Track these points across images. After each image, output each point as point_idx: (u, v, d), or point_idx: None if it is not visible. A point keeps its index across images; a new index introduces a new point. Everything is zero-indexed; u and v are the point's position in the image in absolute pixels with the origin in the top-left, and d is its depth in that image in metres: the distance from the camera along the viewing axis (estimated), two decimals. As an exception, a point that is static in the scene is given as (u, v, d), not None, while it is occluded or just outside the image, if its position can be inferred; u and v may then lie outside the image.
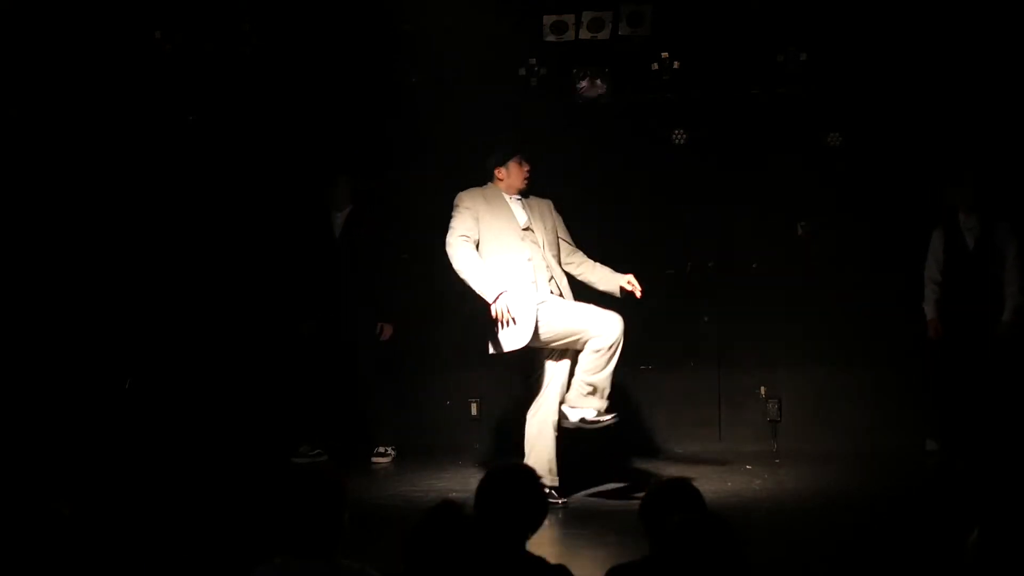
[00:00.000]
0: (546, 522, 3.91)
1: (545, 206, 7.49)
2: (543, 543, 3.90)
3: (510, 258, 7.16)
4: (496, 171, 7.39)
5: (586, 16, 8.43)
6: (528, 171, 7.38)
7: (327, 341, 8.58)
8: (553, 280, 7.28)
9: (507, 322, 6.94)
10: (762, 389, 9.01)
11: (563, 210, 8.04)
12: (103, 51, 8.40)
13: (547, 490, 6.89)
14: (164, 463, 8.28)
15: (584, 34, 8.44)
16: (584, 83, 8.54)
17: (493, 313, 6.94)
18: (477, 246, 7.19)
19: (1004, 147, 8.45)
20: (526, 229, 7.30)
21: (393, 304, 8.67)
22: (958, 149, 8.42)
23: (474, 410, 9.21)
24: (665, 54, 8.51)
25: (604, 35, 8.43)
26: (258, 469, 8.20)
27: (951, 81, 8.41)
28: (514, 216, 7.33)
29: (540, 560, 3.84)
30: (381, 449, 8.63)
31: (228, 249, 9.13)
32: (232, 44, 8.37)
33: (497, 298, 6.94)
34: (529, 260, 7.18)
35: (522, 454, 7.31)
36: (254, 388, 9.00)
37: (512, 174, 7.38)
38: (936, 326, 8.26)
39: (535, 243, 7.29)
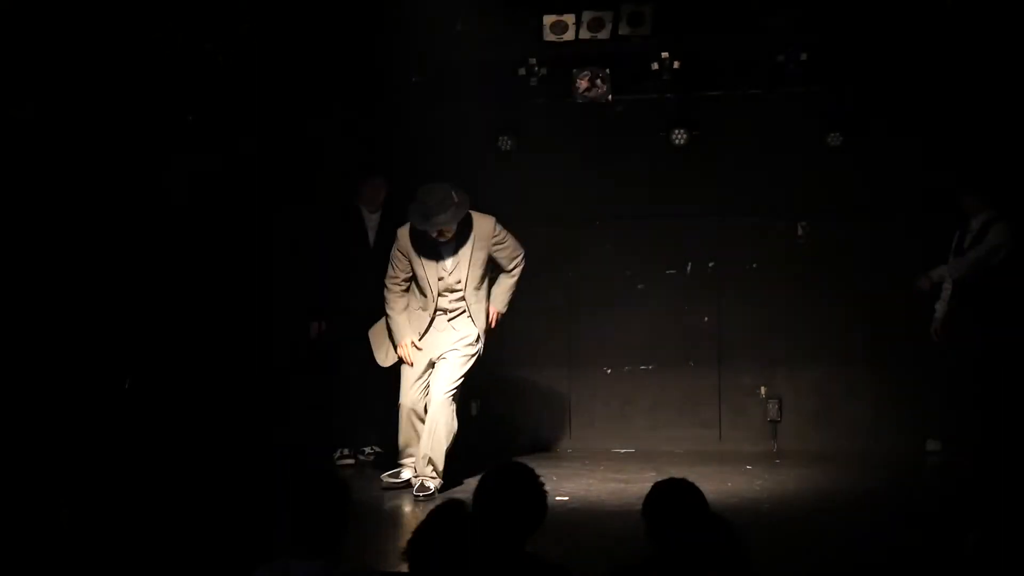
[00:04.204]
0: (546, 522, 3.90)
1: (473, 234, 7.50)
2: (543, 543, 3.89)
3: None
4: None
5: (586, 16, 8.43)
6: (439, 233, 7.38)
7: (350, 343, 8.55)
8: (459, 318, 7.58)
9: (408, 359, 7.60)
10: (762, 389, 9.01)
11: (562, 211, 8.06)
12: (103, 51, 8.39)
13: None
14: (165, 463, 8.28)
15: (584, 34, 8.44)
16: (584, 83, 8.54)
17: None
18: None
19: (1006, 148, 8.44)
20: (446, 276, 7.51)
21: None
22: (965, 153, 8.41)
23: (474, 410, 9.20)
24: (665, 54, 8.50)
25: (604, 35, 8.43)
26: (259, 469, 8.20)
27: (952, 80, 8.40)
28: (440, 257, 7.50)
29: (540, 560, 3.84)
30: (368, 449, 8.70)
31: (227, 249, 9.13)
32: (232, 44, 8.37)
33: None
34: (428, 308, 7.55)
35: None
36: (257, 388, 9.00)
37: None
38: (938, 328, 8.26)
39: (450, 288, 7.52)
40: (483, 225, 7.49)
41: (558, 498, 7.32)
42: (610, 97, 8.59)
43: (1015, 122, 8.37)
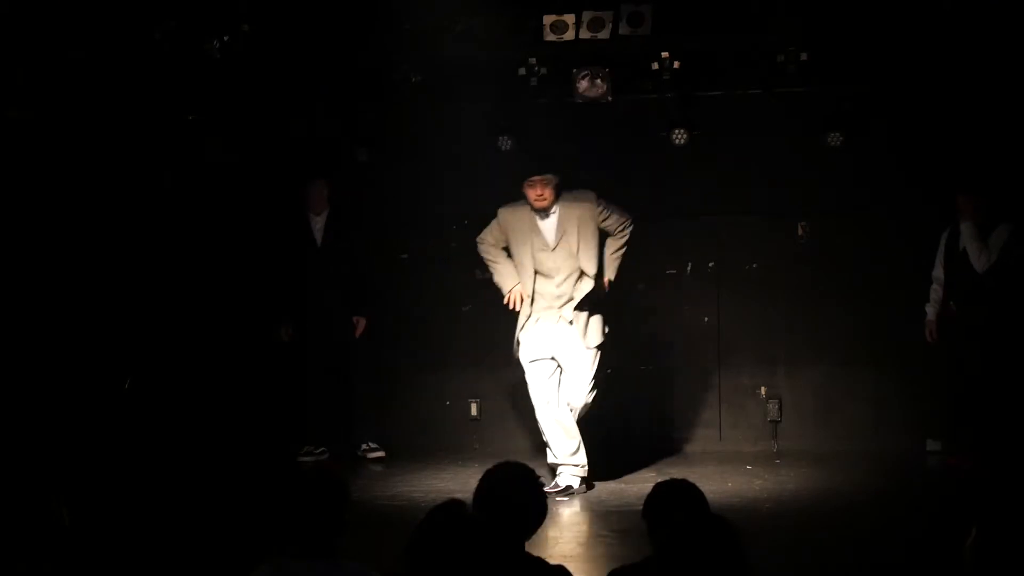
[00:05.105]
0: (546, 522, 3.90)
1: (576, 212, 7.58)
2: (543, 543, 3.90)
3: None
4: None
5: (586, 16, 8.42)
6: (538, 193, 7.47)
7: (311, 343, 8.64)
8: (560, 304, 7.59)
9: (515, 304, 7.65)
10: (762, 389, 9.01)
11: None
12: (103, 51, 8.39)
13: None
14: (164, 464, 8.28)
15: (584, 34, 8.42)
16: (584, 83, 8.53)
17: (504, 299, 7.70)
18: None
19: (1007, 148, 8.44)
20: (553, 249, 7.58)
21: (367, 300, 8.75)
22: (964, 153, 8.41)
23: (474, 410, 9.22)
24: (665, 54, 8.49)
25: (604, 35, 8.42)
26: (258, 469, 8.20)
27: (952, 81, 8.40)
28: (539, 234, 7.61)
29: (540, 560, 3.84)
30: (372, 444, 8.72)
31: (229, 250, 9.15)
32: (232, 44, 8.36)
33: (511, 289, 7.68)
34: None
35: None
36: (252, 390, 9.01)
37: (526, 196, 7.55)
38: (932, 329, 8.26)
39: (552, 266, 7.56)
40: (584, 199, 7.61)
41: (558, 498, 7.32)
42: (610, 97, 8.59)
43: (1014, 122, 8.37)
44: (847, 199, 8.80)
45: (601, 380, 7.73)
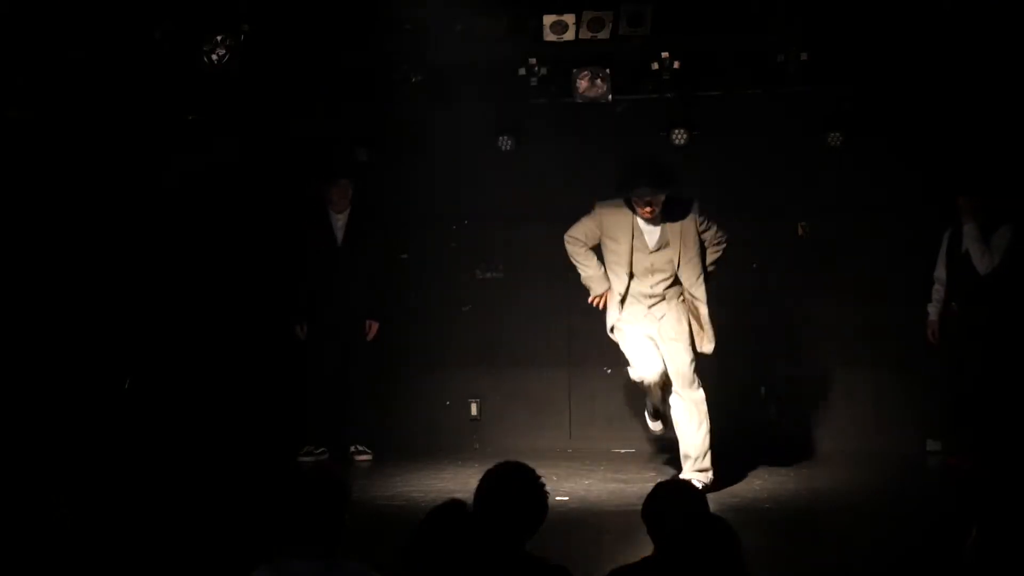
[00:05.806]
0: (546, 522, 3.90)
1: (679, 218, 7.51)
2: (543, 543, 3.89)
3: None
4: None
5: (586, 16, 8.43)
6: (649, 209, 7.38)
7: (323, 342, 8.64)
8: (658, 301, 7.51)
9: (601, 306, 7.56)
10: (762, 389, 9.00)
11: (562, 211, 8.05)
12: (103, 51, 8.39)
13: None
14: (164, 464, 8.28)
15: (584, 34, 8.43)
16: (584, 83, 8.54)
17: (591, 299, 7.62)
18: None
19: (1007, 148, 8.44)
20: (654, 251, 7.47)
21: (383, 303, 8.74)
22: (965, 154, 8.41)
23: (474, 410, 9.22)
24: (665, 54, 8.50)
25: (604, 35, 8.43)
26: (258, 469, 8.21)
27: (952, 81, 8.40)
28: (640, 236, 7.47)
29: (540, 560, 3.84)
30: (360, 447, 8.73)
31: (230, 250, 9.15)
32: (232, 44, 8.37)
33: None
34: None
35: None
36: (254, 388, 9.02)
37: (633, 206, 7.47)
38: (934, 329, 8.26)
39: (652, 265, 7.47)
40: (687, 205, 7.53)
41: (558, 498, 7.32)
42: (610, 97, 8.59)
43: (1015, 123, 8.37)
44: (847, 199, 8.80)
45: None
